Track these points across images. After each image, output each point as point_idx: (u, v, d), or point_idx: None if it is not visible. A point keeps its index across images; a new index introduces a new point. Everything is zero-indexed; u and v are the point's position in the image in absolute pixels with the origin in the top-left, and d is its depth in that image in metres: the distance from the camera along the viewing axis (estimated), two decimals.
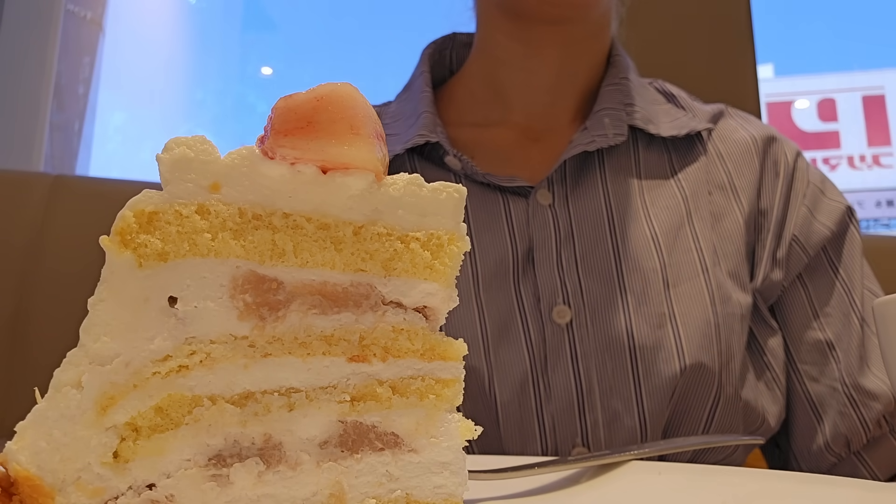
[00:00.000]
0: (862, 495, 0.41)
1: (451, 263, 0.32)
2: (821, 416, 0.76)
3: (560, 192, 0.78)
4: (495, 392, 0.71)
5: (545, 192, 0.77)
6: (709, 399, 0.71)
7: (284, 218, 0.30)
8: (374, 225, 0.31)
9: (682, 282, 0.74)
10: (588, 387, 0.71)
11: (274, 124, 0.30)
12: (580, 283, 0.74)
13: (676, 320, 0.72)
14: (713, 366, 0.71)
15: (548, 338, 0.72)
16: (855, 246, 0.81)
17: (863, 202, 6.50)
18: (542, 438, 0.71)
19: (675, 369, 0.70)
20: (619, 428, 0.71)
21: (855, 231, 0.81)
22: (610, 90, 0.83)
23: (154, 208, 0.29)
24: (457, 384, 0.33)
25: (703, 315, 0.72)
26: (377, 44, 7.49)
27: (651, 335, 0.71)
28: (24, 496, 0.28)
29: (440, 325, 0.33)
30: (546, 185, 0.78)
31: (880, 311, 0.48)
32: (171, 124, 5.10)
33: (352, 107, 0.30)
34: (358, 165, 0.30)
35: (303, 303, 0.31)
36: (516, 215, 0.77)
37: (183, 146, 0.29)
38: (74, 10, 2.78)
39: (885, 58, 7.42)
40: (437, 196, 0.32)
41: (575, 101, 0.85)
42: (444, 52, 0.93)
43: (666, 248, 0.76)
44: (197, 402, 0.30)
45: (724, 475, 0.47)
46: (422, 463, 0.32)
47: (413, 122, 0.82)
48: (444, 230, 0.32)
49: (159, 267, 0.29)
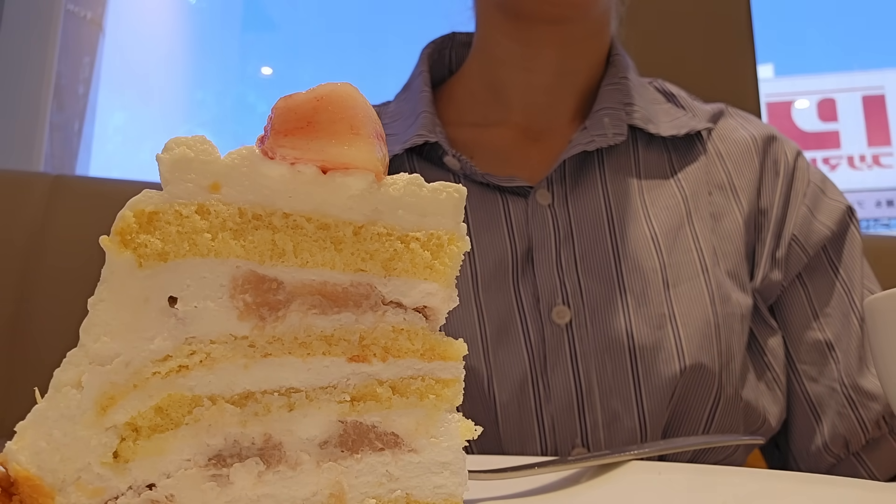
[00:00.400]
0: (862, 495, 0.41)
1: (451, 263, 0.32)
2: (819, 417, 0.76)
3: (559, 192, 0.78)
4: (494, 392, 0.71)
5: (544, 191, 0.77)
6: (709, 399, 0.71)
7: (284, 218, 0.30)
8: (374, 225, 0.31)
9: (682, 282, 0.74)
10: (588, 387, 0.71)
11: (274, 124, 0.30)
12: (580, 284, 0.74)
13: (676, 321, 0.72)
14: (713, 366, 0.71)
15: (547, 338, 0.72)
16: (855, 246, 0.81)
17: (863, 202, 6.50)
18: (542, 439, 0.71)
19: (674, 370, 0.70)
20: (619, 428, 0.71)
21: (855, 231, 0.81)
22: (609, 90, 0.83)
23: (154, 208, 0.29)
24: (457, 384, 0.33)
25: (703, 315, 0.72)
26: (377, 44, 7.49)
27: (651, 335, 0.71)
28: (24, 496, 0.28)
29: (440, 325, 0.33)
30: (545, 184, 0.77)
31: (870, 309, 0.48)
32: (171, 124, 5.10)
33: (352, 107, 0.30)
34: (358, 165, 0.30)
35: (303, 303, 0.31)
36: (515, 215, 0.77)
37: (183, 146, 0.29)
38: (74, 10, 2.78)
39: (885, 58, 7.41)
40: (437, 196, 0.32)
41: (574, 100, 0.85)
42: (444, 51, 0.93)
43: (666, 248, 0.76)
44: (197, 402, 0.30)
45: (724, 475, 0.47)
46: (422, 463, 0.32)
47: (412, 122, 0.82)
48: (444, 230, 0.32)
49: (159, 267, 0.29)
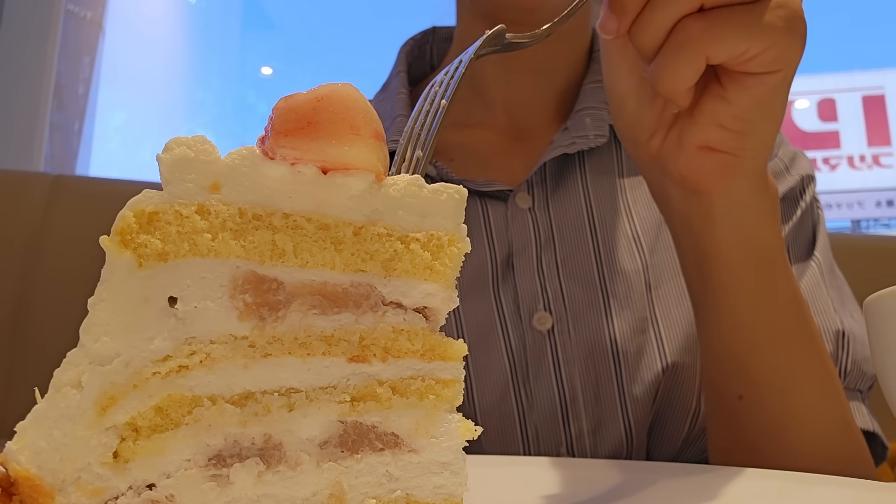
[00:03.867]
0: (862, 495, 0.41)
1: (452, 264, 0.32)
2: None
3: (540, 195, 0.76)
4: (475, 401, 0.70)
5: (524, 195, 0.76)
6: (692, 397, 0.70)
7: (284, 218, 0.30)
8: (374, 225, 0.31)
9: (664, 282, 0.73)
10: (571, 395, 0.70)
11: (274, 124, 0.30)
12: (561, 289, 0.73)
13: (658, 322, 0.71)
14: (694, 364, 0.70)
15: (528, 345, 0.71)
16: (802, 211, 0.77)
17: (863, 202, 6.50)
18: (525, 448, 0.70)
19: (657, 371, 0.69)
20: (605, 435, 0.70)
21: (808, 198, 0.78)
22: (591, 88, 0.81)
23: (154, 208, 0.29)
24: (457, 384, 0.33)
25: (685, 315, 0.72)
26: (377, 44, 7.49)
27: (634, 340, 0.70)
28: (24, 496, 0.28)
29: (440, 326, 0.33)
30: (525, 188, 0.76)
31: (870, 308, 0.47)
32: (171, 124, 5.10)
33: (352, 107, 0.30)
34: (358, 166, 0.30)
35: (303, 303, 0.31)
36: (495, 220, 0.75)
37: (183, 146, 0.29)
38: (74, 10, 2.78)
39: (885, 58, 7.41)
40: (437, 197, 0.32)
41: (555, 98, 0.84)
42: (424, 46, 0.92)
43: (647, 247, 0.75)
44: (197, 403, 0.30)
45: (724, 475, 0.47)
46: (422, 463, 0.32)
47: (388, 125, 0.80)
48: (445, 231, 0.32)
49: (159, 267, 0.29)
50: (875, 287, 0.46)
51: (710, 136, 0.50)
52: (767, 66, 0.46)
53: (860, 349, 0.71)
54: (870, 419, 0.70)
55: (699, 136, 0.50)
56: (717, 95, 0.48)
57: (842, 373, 0.69)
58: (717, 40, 0.45)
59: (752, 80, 0.47)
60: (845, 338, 0.70)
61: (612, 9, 0.46)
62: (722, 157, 0.50)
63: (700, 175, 0.51)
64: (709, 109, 0.49)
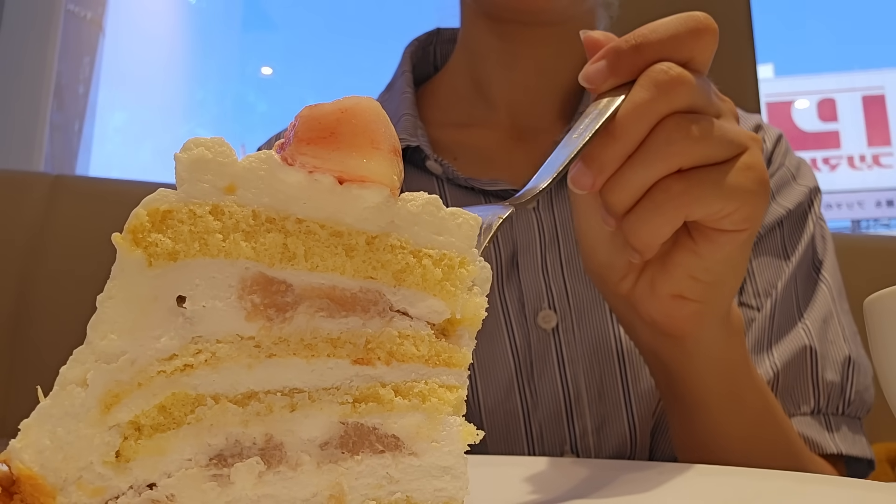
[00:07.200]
0: (862, 495, 0.41)
1: (461, 286, 0.33)
2: None
3: (544, 195, 0.76)
4: (479, 399, 0.70)
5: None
6: None
7: (298, 223, 0.30)
8: (387, 237, 0.32)
9: None
10: (576, 393, 0.70)
11: (297, 131, 0.30)
12: (566, 287, 0.73)
13: None
14: None
15: (533, 343, 0.72)
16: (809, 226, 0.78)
17: (863, 202, 6.51)
18: (530, 446, 0.70)
19: None
20: (609, 434, 0.70)
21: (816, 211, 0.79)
22: None
23: (169, 207, 0.29)
24: (460, 389, 0.33)
25: None
26: (377, 43, 7.49)
27: None
28: (25, 495, 0.28)
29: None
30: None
31: (870, 308, 0.47)
32: (171, 124, 5.11)
33: (374, 121, 0.30)
34: (375, 179, 0.31)
35: (311, 305, 0.31)
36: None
37: (202, 147, 0.29)
38: (74, 10, 2.78)
39: (885, 58, 7.42)
40: (453, 220, 0.33)
41: (558, 99, 0.84)
42: (428, 48, 0.92)
43: None
44: (200, 402, 0.30)
45: (724, 475, 0.47)
46: (422, 466, 0.32)
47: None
48: (457, 252, 0.33)
49: (169, 266, 0.29)
50: (875, 287, 0.46)
51: (682, 287, 0.51)
52: (738, 224, 0.47)
53: (862, 379, 0.73)
54: (867, 447, 0.72)
55: (672, 286, 0.51)
56: (689, 249, 0.49)
57: (846, 402, 0.71)
58: (696, 200, 0.46)
59: (724, 237, 0.48)
60: (851, 366, 0.72)
61: (588, 165, 0.46)
62: (693, 304, 0.52)
63: (672, 321, 0.53)
64: (681, 262, 0.50)
